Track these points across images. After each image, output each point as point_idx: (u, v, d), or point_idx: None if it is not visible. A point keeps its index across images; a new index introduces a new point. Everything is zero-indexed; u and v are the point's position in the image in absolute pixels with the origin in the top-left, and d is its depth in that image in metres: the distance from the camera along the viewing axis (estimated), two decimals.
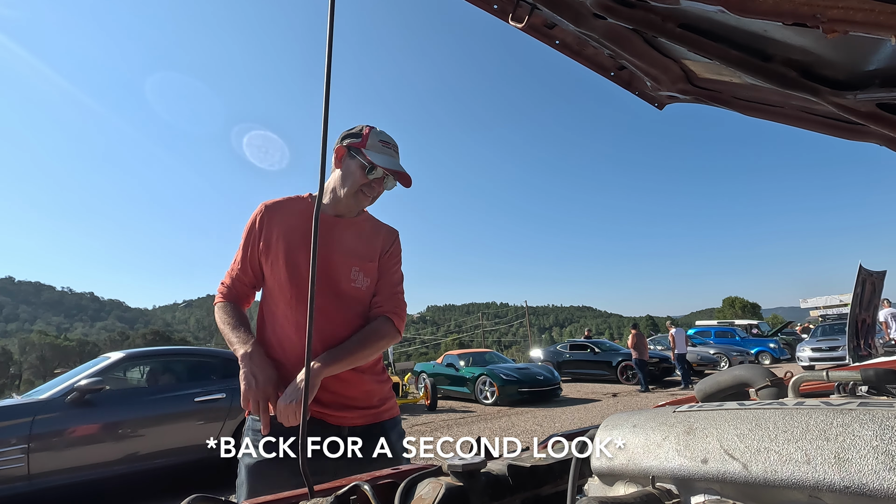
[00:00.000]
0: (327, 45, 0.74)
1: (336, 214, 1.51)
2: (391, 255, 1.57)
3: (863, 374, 0.83)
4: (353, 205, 1.50)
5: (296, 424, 1.22)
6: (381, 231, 1.59)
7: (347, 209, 1.51)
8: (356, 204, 1.50)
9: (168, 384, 5.08)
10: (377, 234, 1.57)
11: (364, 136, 1.45)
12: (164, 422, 4.69)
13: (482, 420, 8.89)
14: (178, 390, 4.94)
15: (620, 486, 0.64)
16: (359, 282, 1.48)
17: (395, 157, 1.48)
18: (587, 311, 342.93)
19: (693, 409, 0.63)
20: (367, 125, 1.49)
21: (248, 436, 1.35)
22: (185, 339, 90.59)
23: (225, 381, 5.19)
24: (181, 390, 4.94)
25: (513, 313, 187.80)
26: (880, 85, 0.97)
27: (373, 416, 1.45)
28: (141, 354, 5.26)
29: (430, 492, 0.67)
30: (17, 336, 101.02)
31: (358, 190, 1.46)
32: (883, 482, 0.42)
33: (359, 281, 1.48)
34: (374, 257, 1.53)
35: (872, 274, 6.15)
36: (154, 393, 4.88)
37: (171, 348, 6.03)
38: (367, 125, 1.49)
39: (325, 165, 0.78)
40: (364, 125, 1.49)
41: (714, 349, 16.63)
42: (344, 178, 1.47)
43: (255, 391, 1.26)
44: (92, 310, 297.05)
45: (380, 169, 1.43)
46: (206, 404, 4.93)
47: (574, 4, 1.07)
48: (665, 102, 1.50)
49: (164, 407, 4.75)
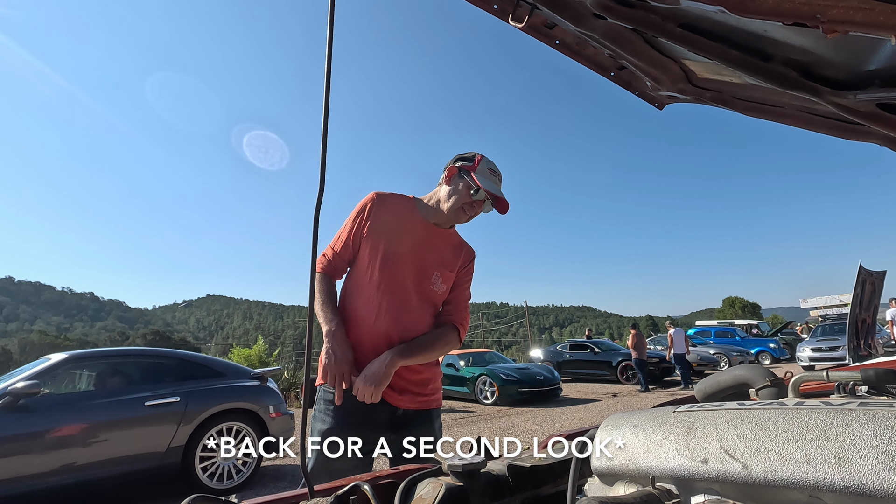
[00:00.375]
0: (327, 45, 0.74)
1: (434, 223, 1.67)
2: (467, 271, 1.74)
3: (863, 374, 0.83)
4: (452, 219, 1.66)
5: (372, 403, 1.42)
6: (465, 248, 1.75)
7: (445, 221, 1.67)
8: (455, 219, 1.65)
9: (116, 387, 4.68)
10: (461, 249, 1.74)
11: (475, 162, 1.62)
12: (110, 428, 4.27)
13: (482, 420, 8.89)
14: (126, 394, 4.53)
15: (620, 486, 0.64)
16: (437, 286, 1.64)
17: (498, 185, 1.63)
18: (587, 311, 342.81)
19: (693, 409, 0.63)
20: (479, 153, 1.65)
21: (318, 405, 1.53)
22: (185, 339, 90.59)
23: (180, 384, 4.82)
24: (130, 394, 4.53)
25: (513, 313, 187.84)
26: (880, 85, 0.97)
27: (424, 403, 1.59)
28: (86, 356, 4.86)
29: (430, 492, 0.67)
30: (17, 336, 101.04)
31: (460, 207, 1.61)
32: (883, 482, 0.42)
33: (437, 285, 1.64)
34: (454, 268, 1.69)
35: (872, 274, 6.15)
36: (99, 397, 4.44)
37: (121, 349, 5.56)
38: (479, 153, 1.65)
39: (325, 165, 0.78)
40: (477, 153, 1.66)
41: (714, 349, 16.63)
42: (450, 194, 1.62)
43: (333, 367, 1.42)
44: (92, 310, 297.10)
45: (483, 192, 1.57)
46: (157, 409, 4.51)
47: (574, 4, 1.07)
48: (665, 102, 1.50)
49: (109, 412, 4.32)
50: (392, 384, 1.51)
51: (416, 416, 1.57)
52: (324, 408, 1.51)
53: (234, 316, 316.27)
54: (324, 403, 1.52)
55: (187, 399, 4.70)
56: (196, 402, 4.70)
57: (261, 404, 5.09)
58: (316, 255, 0.80)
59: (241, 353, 14.05)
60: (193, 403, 4.68)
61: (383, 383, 1.42)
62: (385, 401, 1.50)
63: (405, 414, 1.55)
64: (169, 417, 4.56)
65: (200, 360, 5.34)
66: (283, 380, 13.56)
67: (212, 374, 5.11)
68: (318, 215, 0.82)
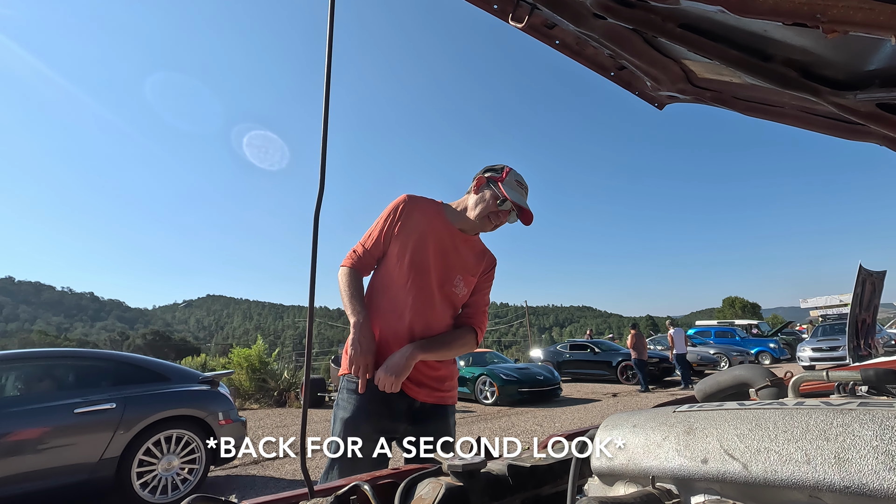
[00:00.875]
0: (327, 45, 0.74)
1: (460, 229, 1.74)
2: (488, 277, 1.81)
3: (863, 374, 0.83)
4: (478, 226, 1.72)
5: (392, 392, 1.48)
6: (487, 255, 1.82)
7: (471, 228, 1.74)
8: (480, 227, 1.72)
9: (43, 393, 4.22)
10: (483, 255, 1.81)
11: (503, 173, 1.69)
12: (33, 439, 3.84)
13: (482, 420, 8.88)
14: (54, 400, 4.08)
15: (620, 486, 0.64)
16: (459, 289, 1.71)
17: (524, 197, 1.69)
18: (587, 311, 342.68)
19: (693, 409, 0.63)
20: (508, 165, 1.72)
21: (342, 394, 1.60)
22: (185, 339, 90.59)
23: (117, 389, 4.41)
24: (58, 400, 4.08)
25: (513, 313, 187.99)
26: (880, 85, 0.97)
27: (440, 398, 1.66)
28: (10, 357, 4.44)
29: (430, 492, 0.67)
30: (17, 336, 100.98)
31: (486, 216, 1.68)
32: (883, 482, 0.42)
33: (459, 288, 1.71)
34: (476, 273, 1.76)
35: (872, 274, 6.15)
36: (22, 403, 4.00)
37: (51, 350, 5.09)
38: (508, 165, 1.72)
39: (325, 165, 0.78)
40: (506, 165, 1.72)
41: (714, 349, 16.63)
42: (477, 202, 1.69)
43: (359, 357, 1.50)
44: (92, 310, 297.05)
45: (509, 202, 1.64)
46: (89, 416, 4.07)
47: (574, 4, 1.07)
48: (665, 102, 1.50)
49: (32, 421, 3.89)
50: (411, 377, 1.58)
51: (433, 410, 1.63)
52: (346, 396, 1.58)
53: (234, 316, 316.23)
54: (346, 392, 1.59)
55: (124, 405, 4.27)
56: (134, 408, 4.32)
57: (209, 410, 4.70)
58: (316, 254, 0.79)
59: (241, 353, 14.04)
60: (131, 410, 4.28)
61: (403, 374, 1.48)
62: (404, 392, 1.58)
63: (422, 407, 1.61)
64: (102, 426, 4.12)
65: (142, 362, 4.94)
66: (283, 380, 13.54)
67: (155, 378, 4.73)
68: (318, 215, 0.82)
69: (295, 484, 5.01)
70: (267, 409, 12.25)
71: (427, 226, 1.69)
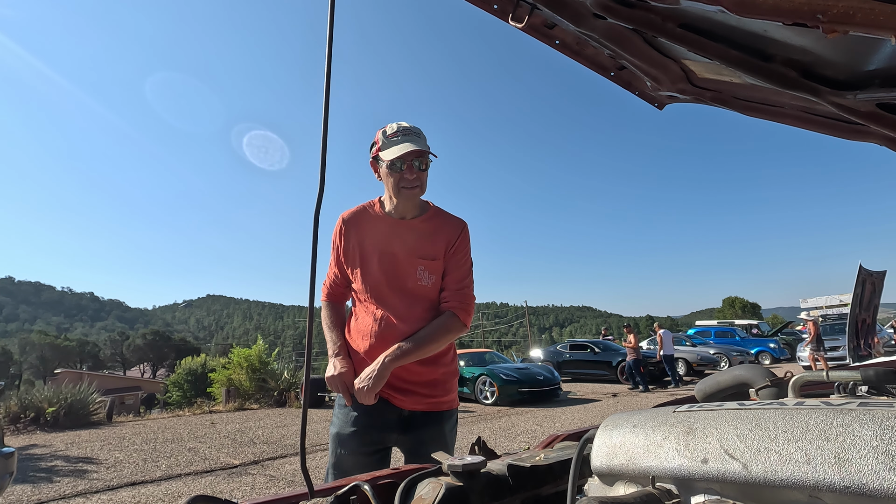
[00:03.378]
0: (327, 45, 0.74)
1: (400, 217, 1.63)
2: (456, 249, 1.64)
3: (863, 374, 0.83)
4: (408, 203, 1.60)
5: (370, 404, 1.47)
6: (446, 227, 1.65)
7: (406, 210, 1.63)
8: (407, 199, 1.58)
9: None
10: (441, 231, 1.64)
11: (376, 142, 1.58)
12: None
13: (482, 420, 8.88)
14: None
15: (620, 486, 0.64)
16: (424, 279, 1.60)
17: (408, 139, 1.52)
18: (587, 311, 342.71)
19: (693, 409, 0.63)
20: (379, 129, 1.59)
21: (334, 410, 1.63)
22: (185, 339, 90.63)
23: None
24: None
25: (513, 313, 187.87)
26: (880, 85, 0.97)
27: (432, 405, 1.59)
28: None
29: (430, 492, 0.67)
30: (17, 336, 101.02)
31: (398, 188, 1.55)
32: (883, 482, 0.42)
33: (424, 278, 1.60)
34: (438, 255, 1.62)
35: (872, 274, 6.15)
36: None
37: None
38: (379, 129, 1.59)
39: (325, 165, 0.78)
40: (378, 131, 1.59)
41: (714, 349, 16.62)
42: (386, 186, 1.59)
43: (335, 378, 1.53)
44: (92, 310, 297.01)
45: (398, 161, 1.50)
46: None
47: (574, 4, 1.07)
48: (665, 102, 1.50)
49: None
50: (395, 386, 1.54)
51: (424, 417, 1.58)
52: (337, 411, 1.60)
53: (234, 316, 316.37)
54: (338, 407, 1.61)
55: None
56: None
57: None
58: (316, 254, 0.80)
59: (241, 353, 14.04)
60: None
61: (377, 384, 1.44)
62: (390, 403, 1.55)
63: (412, 415, 1.57)
64: None
65: None
66: (283, 380, 13.53)
67: None
68: (318, 215, 0.82)
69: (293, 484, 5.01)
70: (267, 409, 12.25)
71: (365, 236, 1.63)
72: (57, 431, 9.15)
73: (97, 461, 6.38)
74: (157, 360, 68.61)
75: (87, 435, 8.65)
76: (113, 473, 5.68)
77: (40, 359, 65.89)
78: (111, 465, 6.15)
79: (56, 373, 40.46)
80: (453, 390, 1.67)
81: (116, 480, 5.34)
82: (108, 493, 4.89)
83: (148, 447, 7.30)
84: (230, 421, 10.19)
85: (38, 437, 8.61)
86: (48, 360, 65.43)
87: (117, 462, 6.29)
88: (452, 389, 1.66)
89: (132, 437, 8.30)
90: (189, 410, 12.97)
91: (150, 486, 5.08)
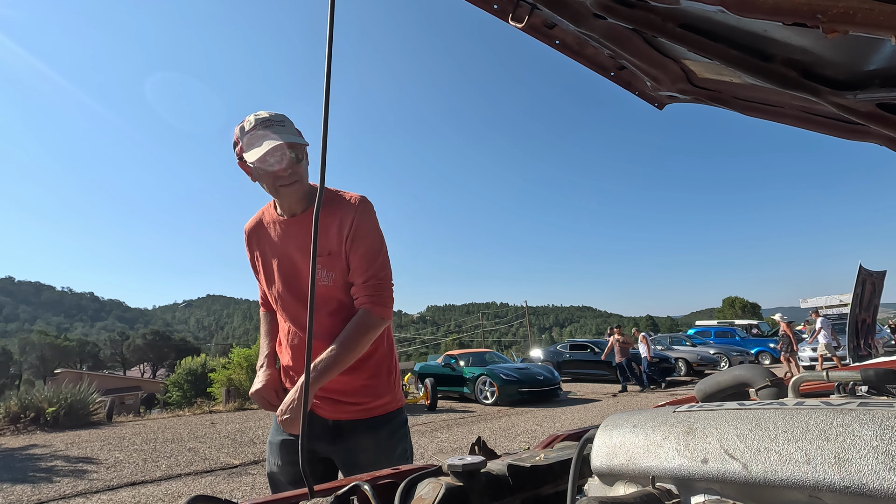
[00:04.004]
0: (327, 45, 0.74)
1: (291, 215, 1.48)
2: (354, 234, 1.41)
3: (863, 374, 0.83)
4: (291, 199, 1.44)
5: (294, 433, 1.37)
6: (338, 212, 1.43)
7: (291, 206, 1.47)
8: (289, 196, 1.43)
9: None
10: (332, 220, 1.42)
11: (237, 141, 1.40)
12: None
13: (482, 420, 8.88)
14: None
15: (620, 486, 0.64)
16: (324, 279, 1.42)
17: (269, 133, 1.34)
18: (587, 311, 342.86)
19: (693, 409, 0.63)
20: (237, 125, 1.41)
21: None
22: (185, 339, 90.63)
23: None
24: None
25: (513, 313, 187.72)
26: (880, 85, 0.97)
27: (361, 412, 1.48)
28: None
29: (430, 492, 0.67)
30: (17, 336, 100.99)
31: (275, 187, 1.39)
32: (883, 482, 0.42)
33: (324, 278, 1.42)
34: (332, 248, 1.42)
35: (872, 274, 6.15)
36: None
37: None
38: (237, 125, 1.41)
39: (325, 165, 0.78)
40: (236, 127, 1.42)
41: (714, 349, 16.63)
42: (262, 184, 1.42)
43: (256, 396, 1.52)
44: (92, 310, 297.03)
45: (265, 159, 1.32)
46: None
47: (574, 4, 1.07)
48: (665, 102, 1.50)
49: None
50: (318, 397, 1.46)
51: (352, 426, 1.47)
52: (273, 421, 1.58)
53: (234, 316, 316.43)
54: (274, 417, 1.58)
55: None
56: None
57: None
58: (316, 254, 0.80)
59: (241, 353, 14.04)
60: None
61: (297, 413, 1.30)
62: (316, 414, 1.48)
63: (337, 424, 1.47)
64: None
65: None
66: None
67: None
68: (318, 215, 0.82)
69: None
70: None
71: (265, 244, 1.54)
72: (57, 431, 9.16)
73: (97, 461, 6.38)
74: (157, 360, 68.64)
75: (87, 435, 8.65)
76: (113, 473, 5.68)
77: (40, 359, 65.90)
78: (111, 465, 6.15)
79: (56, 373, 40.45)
80: (386, 393, 1.51)
81: (116, 480, 5.35)
82: (108, 493, 4.89)
83: (148, 447, 7.30)
84: (230, 421, 10.20)
85: (38, 437, 8.62)
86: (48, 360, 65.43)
87: (117, 462, 6.30)
88: (384, 393, 1.51)
89: (132, 437, 8.31)
90: (189, 410, 12.98)
91: (150, 486, 5.08)
